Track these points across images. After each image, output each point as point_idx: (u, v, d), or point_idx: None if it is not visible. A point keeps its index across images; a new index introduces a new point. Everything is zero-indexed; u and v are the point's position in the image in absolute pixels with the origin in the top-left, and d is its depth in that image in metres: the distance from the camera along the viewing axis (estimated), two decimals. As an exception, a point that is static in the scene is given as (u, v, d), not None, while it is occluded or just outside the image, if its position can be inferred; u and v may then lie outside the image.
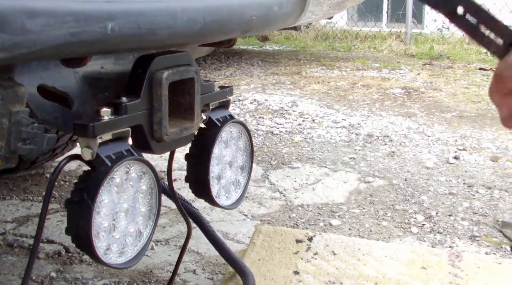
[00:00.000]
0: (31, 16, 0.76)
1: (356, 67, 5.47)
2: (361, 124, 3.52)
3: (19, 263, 1.85)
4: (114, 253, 1.06)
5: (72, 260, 1.87)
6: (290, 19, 1.41)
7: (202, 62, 5.61)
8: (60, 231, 2.06)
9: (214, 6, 1.09)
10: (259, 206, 2.35)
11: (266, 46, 6.96)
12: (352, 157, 2.94)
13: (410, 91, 4.43)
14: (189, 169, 1.31)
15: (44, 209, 1.01)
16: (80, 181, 1.00)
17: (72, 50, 0.85)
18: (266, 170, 2.75)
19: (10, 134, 0.86)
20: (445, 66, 5.53)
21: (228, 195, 1.39)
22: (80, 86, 1.07)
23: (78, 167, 2.67)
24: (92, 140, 0.99)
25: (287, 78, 4.94)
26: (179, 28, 1.01)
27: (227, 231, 2.12)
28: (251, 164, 1.43)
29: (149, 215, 1.13)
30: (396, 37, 6.87)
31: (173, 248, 1.97)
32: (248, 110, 3.85)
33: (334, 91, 4.45)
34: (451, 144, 3.16)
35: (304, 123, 3.56)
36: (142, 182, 1.10)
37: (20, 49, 0.76)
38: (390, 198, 2.43)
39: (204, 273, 1.81)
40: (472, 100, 4.18)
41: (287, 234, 1.83)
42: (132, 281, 1.75)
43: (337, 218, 2.23)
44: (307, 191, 2.50)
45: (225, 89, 1.33)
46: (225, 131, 1.32)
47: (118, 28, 0.88)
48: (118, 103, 1.04)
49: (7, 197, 2.38)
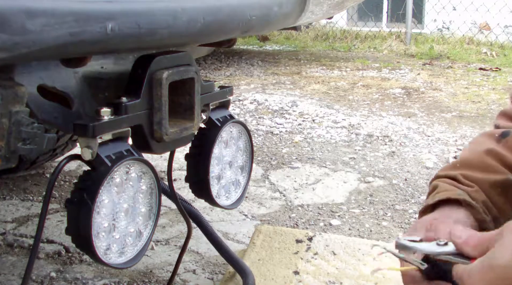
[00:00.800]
0: (31, 16, 0.76)
1: (356, 67, 5.47)
2: (361, 124, 3.52)
3: (19, 263, 1.85)
4: (114, 253, 1.06)
5: (72, 260, 1.87)
6: (290, 19, 1.41)
7: (202, 62, 5.61)
8: (60, 231, 2.06)
9: (214, 6, 1.09)
10: (259, 206, 2.35)
11: (266, 46, 6.96)
12: (352, 157, 2.94)
13: (410, 91, 4.43)
14: (189, 169, 1.31)
15: (44, 209, 1.01)
16: (80, 181, 1.00)
17: (72, 50, 0.85)
18: (266, 170, 2.75)
19: (10, 134, 0.85)
20: (445, 66, 5.53)
21: (228, 195, 1.39)
22: (80, 86, 1.07)
23: (78, 167, 2.67)
24: (92, 140, 0.99)
25: (287, 78, 4.94)
26: (179, 28, 1.01)
27: (227, 231, 2.12)
28: (251, 164, 1.43)
29: (149, 215, 1.13)
30: (396, 37, 6.87)
31: (173, 248, 1.97)
32: (248, 110, 3.85)
33: (334, 91, 4.45)
34: (451, 144, 3.16)
35: (304, 123, 3.56)
36: (142, 182, 1.10)
37: (20, 49, 0.76)
38: (390, 198, 2.43)
39: (204, 273, 1.81)
40: (472, 100, 4.18)
41: (287, 234, 1.83)
42: (132, 281, 1.75)
43: (337, 218, 2.23)
44: (307, 191, 2.50)
45: (225, 89, 1.33)
46: (225, 131, 1.32)
47: (118, 28, 0.88)
48: (118, 103, 1.04)
49: (7, 197, 2.38)
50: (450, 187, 1.02)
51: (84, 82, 1.08)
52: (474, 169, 1.05)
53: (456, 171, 1.06)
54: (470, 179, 1.03)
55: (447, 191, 1.01)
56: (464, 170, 1.06)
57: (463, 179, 1.03)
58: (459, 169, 1.06)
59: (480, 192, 1.01)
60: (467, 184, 1.02)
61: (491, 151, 1.06)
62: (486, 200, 1.01)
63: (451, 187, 1.02)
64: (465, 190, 1.01)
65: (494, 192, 1.02)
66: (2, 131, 0.84)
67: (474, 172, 1.05)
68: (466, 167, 1.06)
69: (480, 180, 1.03)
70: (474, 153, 1.08)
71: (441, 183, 1.05)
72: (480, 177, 1.04)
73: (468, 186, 1.02)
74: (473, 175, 1.04)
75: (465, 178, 1.03)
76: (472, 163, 1.07)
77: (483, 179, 1.03)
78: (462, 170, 1.06)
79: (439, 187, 1.04)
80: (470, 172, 1.05)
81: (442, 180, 1.06)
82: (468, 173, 1.04)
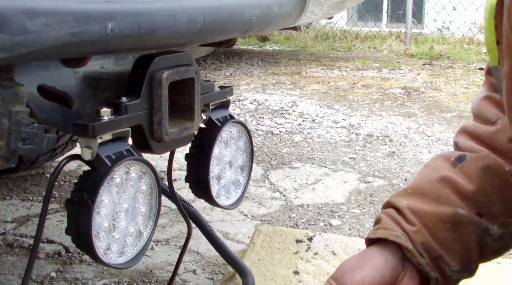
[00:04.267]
0: (31, 16, 0.76)
1: (356, 67, 5.47)
2: (361, 124, 3.52)
3: (19, 263, 1.85)
4: (114, 253, 1.06)
5: (72, 260, 1.87)
6: (290, 19, 1.41)
7: (202, 62, 5.61)
8: (60, 231, 2.06)
9: (214, 6, 1.09)
10: (259, 206, 2.35)
11: (266, 46, 6.96)
12: (352, 157, 2.94)
13: (410, 91, 4.43)
14: (189, 169, 1.31)
15: (44, 209, 1.01)
16: (80, 181, 1.00)
17: (72, 50, 0.85)
18: (266, 170, 2.75)
19: (10, 134, 0.85)
20: (445, 66, 5.53)
21: (228, 195, 1.39)
22: (80, 86, 1.07)
23: (78, 167, 2.68)
24: (92, 140, 0.99)
25: (287, 78, 4.94)
26: (179, 28, 1.01)
27: (227, 231, 2.12)
28: (251, 164, 1.43)
29: (149, 215, 1.13)
30: (396, 37, 6.88)
31: (173, 248, 1.97)
32: (248, 110, 3.85)
33: (334, 91, 4.46)
34: (451, 144, 3.15)
35: (304, 123, 3.56)
36: (142, 182, 1.10)
37: (20, 49, 0.76)
38: (390, 198, 2.43)
39: (204, 273, 1.81)
40: (472, 100, 4.18)
41: (287, 234, 1.83)
42: (132, 281, 1.75)
43: (337, 218, 2.23)
44: (307, 191, 2.50)
45: (225, 89, 1.33)
46: (225, 131, 1.32)
47: (118, 28, 0.88)
48: (118, 103, 1.04)
49: (7, 197, 2.38)
50: (391, 225, 1.01)
51: (84, 82, 1.08)
52: (424, 199, 1.02)
53: (405, 200, 1.03)
54: (417, 213, 1.01)
55: (386, 229, 1.01)
56: (413, 199, 1.03)
57: (409, 214, 1.01)
58: (410, 197, 1.04)
59: (421, 232, 0.99)
60: (410, 222, 1.00)
61: (444, 179, 1.03)
62: (427, 240, 0.99)
63: (392, 225, 1.01)
64: (405, 230, 0.99)
65: (441, 227, 1.00)
66: (2, 131, 0.84)
67: (423, 203, 1.02)
68: (416, 195, 1.03)
69: (428, 215, 1.00)
70: (427, 180, 1.05)
71: (385, 216, 1.04)
72: (429, 210, 1.01)
73: (411, 223, 1.00)
74: (421, 208, 1.01)
75: (412, 212, 1.01)
76: (423, 191, 1.04)
77: (431, 213, 1.00)
78: (411, 199, 1.03)
79: (382, 221, 1.04)
80: (420, 203, 1.02)
81: (387, 212, 1.04)
82: (417, 205, 1.02)
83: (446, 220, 1.00)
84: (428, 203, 1.01)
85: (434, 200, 1.01)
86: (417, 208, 1.01)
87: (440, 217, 1.00)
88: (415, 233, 0.99)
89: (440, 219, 1.00)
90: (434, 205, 1.01)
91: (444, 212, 1.00)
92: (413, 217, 1.00)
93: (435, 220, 1.00)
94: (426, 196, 1.03)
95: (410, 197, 1.03)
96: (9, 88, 0.85)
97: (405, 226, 1.00)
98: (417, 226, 0.99)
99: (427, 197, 1.02)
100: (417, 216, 1.01)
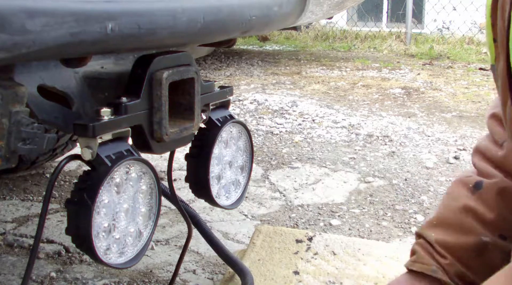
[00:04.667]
0: (31, 16, 0.76)
1: (356, 67, 5.47)
2: (361, 124, 3.52)
3: (19, 263, 1.85)
4: (114, 253, 1.06)
5: (72, 260, 1.87)
6: (290, 19, 1.41)
7: (202, 62, 5.61)
8: (60, 231, 2.06)
9: (214, 6, 1.09)
10: (259, 206, 2.35)
11: (266, 46, 6.96)
12: (352, 157, 2.94)
13: (410, 91, 4.43)
14: (189, 169, 1.31)
15: (44, 209, 1.01)
16: (80, 181, 1.00)
17: (72, 50, 0.85)
18: (266, 170, 2.75)
19: (10, 134, 0.85)
20: (445, 66, 5.53)
21: (228, 195, 1.39)
22: (80, 86, 1.07)
23: (78, 167, 2.67)
24: (92, 140, 0.99)
25: (287, 78, 4.94)
26: (179, 28, 1.01)
27: (227, 231, 2.12)
28: (251, 164, 1.43)
29: (149, 215, 1.13)
30: (396, 37, 6.88)
31: (173, 248, 1.97)
32: (248, 110, 3.85)
33: (334, 91, 4.46)
34: (451, 144, 3.16)
35: (304, 123, 3.56)
36: (142, 182, 1.10)
37: (20, 49, 0.76)
38: (390, 198, 2.43)
39: (204, 273, 1.81)
40: (472, 100, 4.18)
41: (287, 234, 1.83)
42: (132, 281, 1.75)
43: (337, 218, 2.23)
44: (307, 191, 2.50)
45: (225, 89, 1.33)
46: (225, 131, 1.32)
47: (118, 28, 0.88)
48: (118, 103, 1.04)
49: (7, 197, 2.38)
50: (427, 260, 1.11)
51: (84, 82, 1.08)
52: (449, 230, 1.11)
53: (433, 233, 1.12)
54: (445, 246, 1.10)
55: (423, 264, 1.11)
56: (440, 232, 1.12)
57: (438, 247, 1.10)
58: (436, 229, 1.13)
59: (453, 264, 1.08)
60: (442, 255, 1.10)
61: (465, 208, 1.11)
62: (459, 270, 1.08)
63: (428, 260, 1.11)
64: (439, 262, 1.09)
65: (469, 256, 1.08)
66: (2, 131, 0.84)
67: (449, 234, 1.11)
68: (442, 227, 1.12)
69: (455, 246, 1.09)
70: (450, 210, 1.13)
71: (419, 249, 1.13)
72: (455, 242, 1.10)
73: (443, 256, 1.09)
74: (447, 240, 1.10)
75: (441, 246, 1.10)
76: (448, 222, 1.12)
77: (458, 245, 1.09)
78: (438, 232, 1.12)
79: (417, 254, 1.13)
80: (446, 235, 1.11)
81: (421, 244, 1.14)
82: (443, 238, 1.11)
83: (472, 249, 1.08)
84: (453, 234, 1.10)
85: (458, 231, 1.10)
86: (445, 240, 1.11)
87: (466, 247, 1.09)
88: (448, 265, 1.08)
89: (466, 249, 1.09)
90: (459, 235, 1.10)
91: (469, 241, 1.09)
92: (443, 250, 1.09)
93: (463, 251, 1.09)
94: (451, 227, 1.11)
95: (436, 229, 1.12)
96: (9, 88, 0.85)
97: (439, 260, 1.09)
98: (448, 259, 1.09)
99: (451, 228, 1.11)
100: (446, 248, 1.09)
